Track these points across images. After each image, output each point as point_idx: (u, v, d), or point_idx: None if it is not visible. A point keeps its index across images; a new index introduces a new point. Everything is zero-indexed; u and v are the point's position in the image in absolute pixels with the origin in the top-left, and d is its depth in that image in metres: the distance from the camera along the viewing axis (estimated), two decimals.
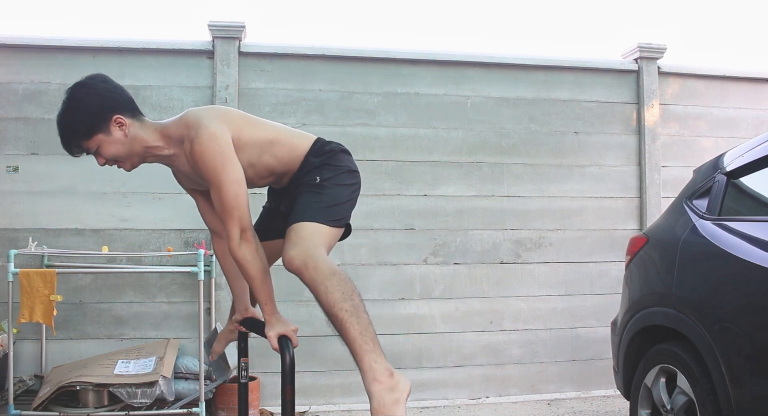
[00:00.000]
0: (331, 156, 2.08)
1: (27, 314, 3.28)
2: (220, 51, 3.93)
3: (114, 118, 1.92)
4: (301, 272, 1.81)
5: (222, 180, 1.86)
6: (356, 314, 1.75)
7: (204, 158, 1.86)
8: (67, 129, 1.94)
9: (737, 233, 2.37)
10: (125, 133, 1.94)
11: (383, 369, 1.72)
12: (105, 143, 1.94)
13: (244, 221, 1.88)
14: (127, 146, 1.96)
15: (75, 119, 1.91)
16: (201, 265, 3.47)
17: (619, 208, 4.39)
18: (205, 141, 1.86)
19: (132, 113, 1.97)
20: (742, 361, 2.16)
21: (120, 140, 1.94)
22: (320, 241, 1.90)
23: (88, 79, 1.96)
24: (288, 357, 1.81)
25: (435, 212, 4.14)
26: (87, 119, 1.90)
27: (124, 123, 1.93)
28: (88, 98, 1.91)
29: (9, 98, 3.81)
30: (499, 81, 4.28)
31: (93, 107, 1.90)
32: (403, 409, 1.65)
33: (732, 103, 4.60)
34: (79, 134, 1.92)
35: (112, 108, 1.92)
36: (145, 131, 1.97)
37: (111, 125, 1.92)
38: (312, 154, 2.07)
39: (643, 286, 2.87)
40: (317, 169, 2.04)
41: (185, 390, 3.54)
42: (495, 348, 4.17)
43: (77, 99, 1.91)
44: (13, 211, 3.76)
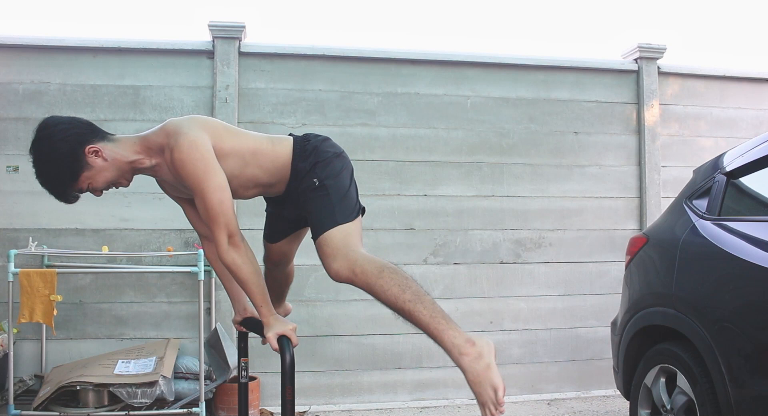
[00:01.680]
0: (316, 153, 2.07)
1: (27, 314, 3.28)
2: (220, 51, 3.93)
3: (87, 150, 1.87)
4: (352, 280, 1.86)
5: (205, 187, 1.85)
6: (419, 300, 1.87)
7: (185, 166, 1.85)
8: (52, 185, 1.90)
9: (737, 233, 2.37)
10: (104, 158, 1.90)
11: (464, 341, 1.90)
12: (92, 177, 1.90)
13: (230, 226, 1.87)
14: (112, 168, 1.92)
15: (53, 172, 1.87)
16: (201, 265, 3.47)
17: (619, 208, 4.39)
18: (186, 148, 1.85)
19: (99, 136, 1.93)
20: (742, 361, 2.16)
21: (104, 167, 1.90)
22: (352, 242, 1.91)
23: (43, 130, 1.88)
24: (288, 357, 1.82)
25: (435, 212, 4.14)
26: (64, 166, 1.86)
27: (99, 149, 1.89)
28: (53, 148, 1.85)
29: (9, 98, 3.81)
30: (499, 81, 4.28)
31: (62, 153, 1.85)
32: (496, 372, 1.86)
33: (732, 103, 4.60)
34: (65, 183, 1.89)
35: (80, 143, 1.87)
36: (121, 148, 1.94)
37: (88, 159, 1.88)
38: (297, 159, 2.05)
39: (643, 286, 2.87)
40: (311, 172, 2.03)
41: (185, 389, 3.55)
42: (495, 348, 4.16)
43: (44, 154, 1.87)
44: (13, 211, 3.76)
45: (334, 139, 2.15)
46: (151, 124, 3.88)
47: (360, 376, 4.00)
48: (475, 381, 1.85)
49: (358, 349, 4.00)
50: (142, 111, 3.90)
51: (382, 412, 3.87)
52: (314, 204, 2.00)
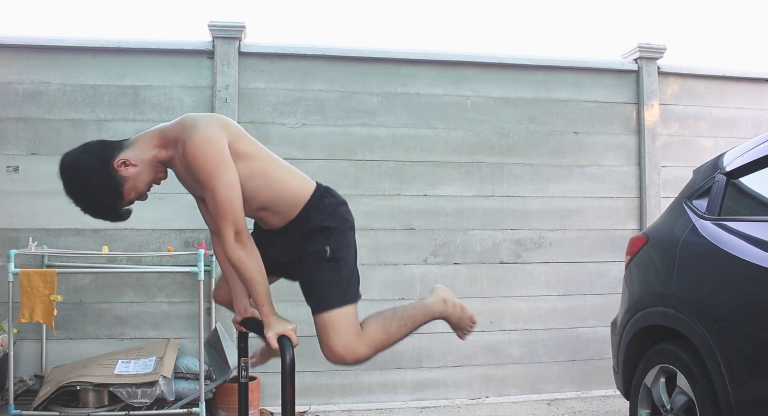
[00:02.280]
0: (332, 215, 2.05)
1: (27, 314, 3.28)
2: (220, 51, 3.93)
3: (116, 164, 1.90)
4: (357, 362, 2.05)
5: (216, 183, 1.84)
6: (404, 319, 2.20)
7: (197, 160, 1.84)
8: (105, 213, 1.96)
9: (737, 233, 2.37)
10: (133, 164, 1.92)
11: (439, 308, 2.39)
12: (134, 186, 1.93)
13: (238, 223, 1.86)
14: (145, 170, 1.95)
15: (99, 202, 1.93)
16: (201, 265, 3.47)
17: (619, 208, 4.39)
18: (199, 142, 1.84)
19: (117, 148, 1.93)
20: (742, 361, 2.16)
21: (138, 172, 1.93)
22: (354, 326, 2.01)
23: (66, 172, 1.94)
24: (288, 357, 1.82)
25: (435, 212, 4.14)
26: (105, 192, 1.90)
27: (124, 160, 1.91)
28: (86, 182, 1.90)
29: (9, 98, 3.81)
30: (499, 81, 4.28)
31: (96, 181, 1.89)
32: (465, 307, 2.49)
33: (732, 103, 4.60)
34: (115, 204, 1.94)
35: (106, 162, 1.89)
36: (141, 148, 1.95)
37: (120, 172, 1.90)
38: (312, 205, 2.04)
39: (643, 286, 2.87)
40: (323, 235, 2.02)
41: (185, 389, 3.55)
42: (495, 348, 4.17)
43: (81, 191, 1.92)
44: (13, 211, 3.76)
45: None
46: (151, 124, 3.87)
47: (360, 376, 4.00)
48: (458, 325, 2.48)
49: None
50: (142, 111, 3.90)
51: (382, 412, 3.87)
52: (321, 276, 2.00)
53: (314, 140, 4.01)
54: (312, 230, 2.03)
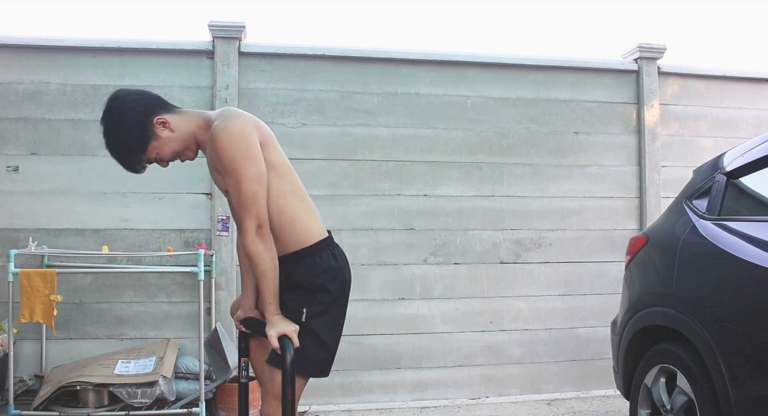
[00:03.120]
0: (326, 276, 1.97)
1: (27, 314, 3.28)
2: (220, 51, 3.93)
3: (155, 121, 1.93)
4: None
5: (242, 175, 1.84)
6: None
7: (226, 149, 1.84)
8: (121, 154, 1.95)
9: (737, 233, 2.37)
10: (171, 129, 1.95)
11: None
12: (160, 147, 1.95)
13: (261, 217, 1.86)
14: (179, 139, 1.97)
15: (123, 141, 1.93)
16: (201, 265, 3.47)
17: (619, 208, 4.39)
18: (233, 132, 1.85)
19: (167, 108, 1.98)
20: (742, 361, 2.16)
21: (170, 138, 1.95)
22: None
23: (113, 101, 1.95)
24: (288, 357, 1.81)
25: (435, 212, 4.14)
26: (134, 135, 1.91)
27: (166, 121, 1.94)
28: (124, 117, 1.91)
29: (9, 98, 3.81)
30: (499, 81, 4.28)
31: (133, 122, 1.91)
32: None
33: (732, 103, 4.60)
34: (135, 152, 1.94)
35: (149, 113, 1.93)
36: (186, 121, 1.98)
37: (156, 129, 1.93)
38: (310, 252, 1.96)
39: (643, 286, 2.87)
40: (306, 292, 1.94)
41: (185, 389, 3.55)
42: (495, 348, 4.17)
43: (115, 123, 1.92)
44: (13, 211, 3.76)
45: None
46: None
47: (360, 376, 4.00)
48: None
49: (358, 349, 4.00)
50: None
51: (382, 412, 3.87)
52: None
53: (314, 140, 4.01)
54: (298, 280, 1.96)
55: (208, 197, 3.91)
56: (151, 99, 1.98)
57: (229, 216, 3.87)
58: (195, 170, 3.91)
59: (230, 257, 3.87)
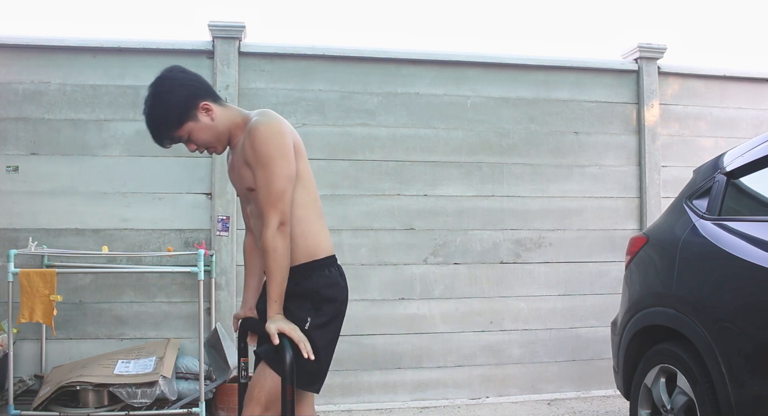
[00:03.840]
0: (333, 289, 1.99)
1: (27, 314, 3.28)
2: (220, 51, 3.93)
3: (201, 105, 1.95)
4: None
5: (275, 171, 1.87)
6: None
7: (264, 144, 1.87)
8: (158, 122, 1.95)
9: (737, 233, 2.37)
10: (212, 118, 1.97)
11: None
12: (195, 130, 1.96)
13: (285, 215, 1.88)
14: (215, 130, 1.98)
15: (164, 111, 1.93)
16: (201, 265, 3.47)
17: (619, 208, 4.39)
18: (273, 130, 1.90)
19: (214, 98, 2.00)
20: (742, 361, 2.15)
21: (209, 126, 1.97)
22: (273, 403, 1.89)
23: (168, 72, 1.98)
24: (288, 357, 1.81)
25: (435, 212, 4.14)
26: (176, 109, 1.93)
27: (211, 108, 1.97)
28: (174, 90, 1.94)
29: (9, 98, 3.81)
30: (499, 81, 4.28)
31: (180, 97, 1.93)
32: None
33: (732, 103, 4.60)
34: (170, 124, 1.95)
35: (197, 95, 1.96)
36: (227, 115, 2.00)
37: (199, 112, 1.95)
38: (319, 265, 1.98)
39: (643, 286, 2.87)
40: (313, 302, 1.95)
41: (185, 390, 3.55)
42: (495, 348, 4.17)
43: (163, 92, 1.94)
44: (13, 211, 3.76)
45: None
46: None
47: (360, 376, 4.00)
48: None
49: (358, 349, 4.00)
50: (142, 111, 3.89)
51: (382, 412, 3.86)
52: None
53: (314, 140, 4.01)
54: (306, 289, 1.96)
55: (208, 197, 3.91)
56: (204, 84, 2.01)
57: (229, 216, 3.87)
58: (195, 170, 3.91)
59: (230, 257, 3.87)
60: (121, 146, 3.87)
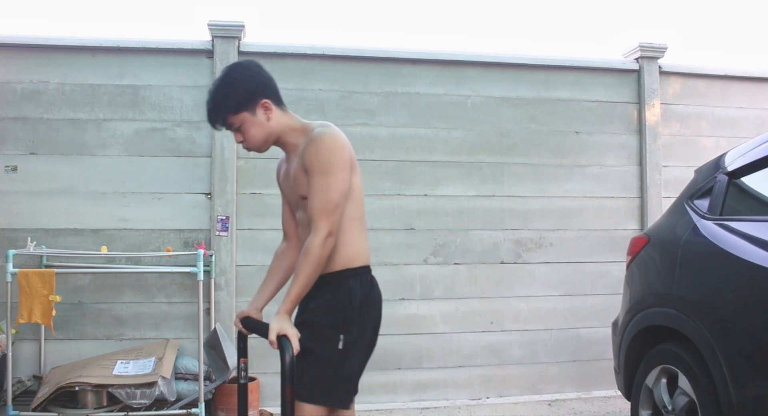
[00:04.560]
0: (368, 306, 2.05)
1: (26, 314, 3.27)
2: (219, 50, 3.92)
3: (262, 101, 1.99)
4: None
5: (334, 182, 1.88)
6: None
7: (328, 154, 1.89)
8: (218, 102, 1.99)
9: (739, 233, 2.36)
10: (268, 117, 2.00)
11: None
12: (248, 122, 1.99)
13: (334, 226, 1.89)
14: (267, 129, 2.01)
15: (228, 94, 1.97)
16: (200, 265, 3.46)
17: (620, 208, 4.38)
18: (339, 143, 1.93)
19: (277, 101, 2.03)
20: (744, 361, 2.15)
21: (262, 123, 2.00)
22: None
23: (246, 62, 2.05)
24: (288, 357, 1.80)
25: (435, 212, 4.13)
26: (239, 95, 1.97)
27: (270, 108, 2.00)
28: (244, 78, 1.98)
29: (8, 98, 3.80)
30: (499, 81, 4.27)
31: (246, 86, 1.98)
32: None
33: (733, 102, 4.59)
34: (228, 108, 1.98)
35: (263, 92, 1.99)
36: (285, 121, 2.03)
37: (258, 107, 1.99)
38: (353, 274, 2.00)
39: (644, 286, 2.86)
40: (347, 321, 1.96)
41: (185, 390, 3.54)
42: (495, 349, 4.16)
43: (233, 77, 1.99)
44: (11, 211, 3.75)
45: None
46: (150, 123, 3.90)
47: None
48: None
49: None
50: (142, 110, 3.89)
51: (382, 413, 3.85)
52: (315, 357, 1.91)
53: None
54: (339, 301, 1.96)
55: (208, 197, 3.90)
56: (272, 85, 2.05)
57: (229, 216, 3.86)
58: (194, 170, 3.90)
59: (229, 257, 3.86)
60: (120, 146, 3.86)
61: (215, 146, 3.88)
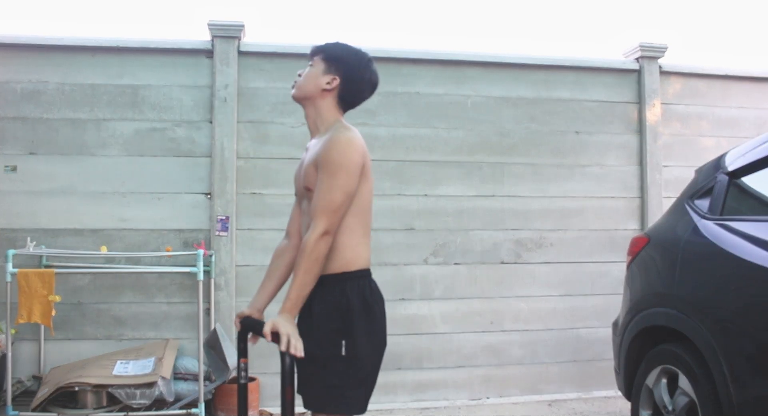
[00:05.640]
0: (368, 309, 1.99)
1: (25, 314, 3.27)
2: (219, 50, 3.92)
3: (331, 77, 2.05)
4: None
5: (338, 183, 1.87)
6: None
7: (340, 153, 1.89)
8: (332, 46, 2.13)
9: (739, 233, 2.35)
10: (323, 89, 2.04)
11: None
12: (313, 72, 2.08)
13: (333, 226, 1.86)
14: (316, 93, 2.06)
15: (340, 46, 2.12)
16: (200, 265, 3.45)
17: (620, 208, 4.37)
18: (354, 146, 1.93)
19: (342, 99, 2.09)
20: (744, 361, 2.14)
21: (317, 84, 2.05)
22: None
23: (364, 55, 2.15)
24: (288, 357, 1.79)
25: (435, 212, 4.12)
26: (336, 52, 2.09)
27: (330, 88, 2.05)
28: (355, 56, 2.10)
29: (7, 98, 3.79)
30: (499, 81, 4.26)
31: (345, 57, 2.08)
32: None
33: (734, 102, 4.58)
34: (325, 49, 2.11)
35: (342, 73, 2.06)
36: (333, 110, 2.09)
37: (325, 75, 2.05)
38: (350, 277, 1.97)
39: (645, 286, 2.85)
40: (348, 326, 1.92)
41: (184, 390, 3.53)
42: (495, 349, 4.15)
43: (360, 52, 2.12)
44: (11, 211, 3.75)
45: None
46: (150, 123, 3.89)
47: None
48: None
49: None
50: (141, 110, 3.89)
51: (383, 413, 3.85)
52: (320, 367, 1.89)
53: None
54: (336, 305, 1.93)
55: (208, 197, 3.90)
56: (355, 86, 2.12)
57: (228, 216, 3.85)
58: (194, 170, 3.90)
59: (229, 257, 3.86)
60: (120, 146, 3.86)
61: (215, 146, 3.88)
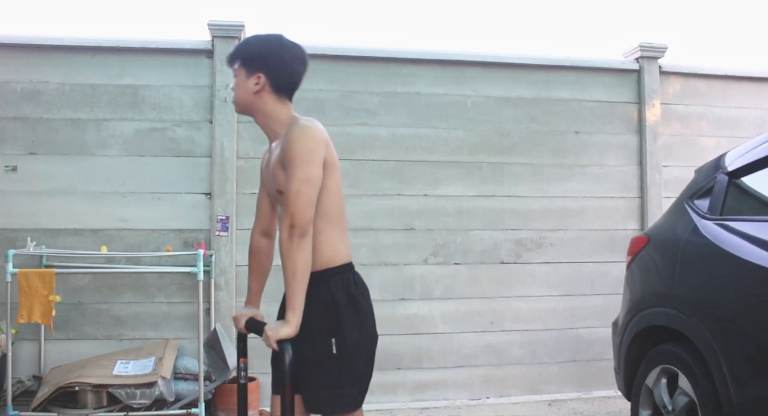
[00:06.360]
0: (354, 304, 1.95)
1: (25, 314, 3.27)
2: (219, 50, 3.92)
3: (256, 77, 1.98)
4: None
5: (295, 173, 1.84)
6: None
7: (293, 143, 1.86)
8: (246, 44, 2.07)
9: (739, 233, 2.35)
10: (255, 90, 1.98)
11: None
12: (240, 81, 2.01)
13: (295, 218, 1.81)
14: (249, 98, 2.00)
15: (246, 44, 2.06)
16: (200, 265, 3.45)
17: (620, 208, 4.37)
18: (308, 135, 1.88)
19: (278, 90, 2.02)
20: (744, 361, 2.14)
21: (247, 90, 1.99)
22: None
23: (285, 40, 2.11)
24: (287, 357, 1.79)
25: (435, 212, 4.12)
26: (248, 52, 2.02)
27: (261, 84, 1.98)
28: (262, 44, 2.04)
29: (7, 98, 3.79)
30: (499, 81, 4.26)
31: (257, 50, 2.02)
32: None
33: (734, 102, 4.58)
34: (237, 55, 2.04)
35: (262, 67, 1.99)
36: (279, 107, 2.02)
37: (249, 78, 1.99)
38: (333, 273, 1.94)
39: (644, 286, 2.85)
40: (336, 323, 1.90)
41: (184, 390, 3.53)
42: (495, 349, 4.15)
43: (262, 38, 2.07)
44: (11, 211, 3.75)
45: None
46: (150, 123, 3.90)
47: None
48: None
49: None
50: (141, 110, 3.89)
51: (383, 413, 3.85)
52: (318, 372, 1.89)
53: None
54: (323, 302, 1.91)
55: (208, 197, 3.90)
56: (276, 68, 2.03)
57: (229, 216, 3.85)
58: (194, 170, 3.90)
59: (229, 257, 3.86)
60: (120, 146, 3.86)
61: (215, 146, 3.88)
